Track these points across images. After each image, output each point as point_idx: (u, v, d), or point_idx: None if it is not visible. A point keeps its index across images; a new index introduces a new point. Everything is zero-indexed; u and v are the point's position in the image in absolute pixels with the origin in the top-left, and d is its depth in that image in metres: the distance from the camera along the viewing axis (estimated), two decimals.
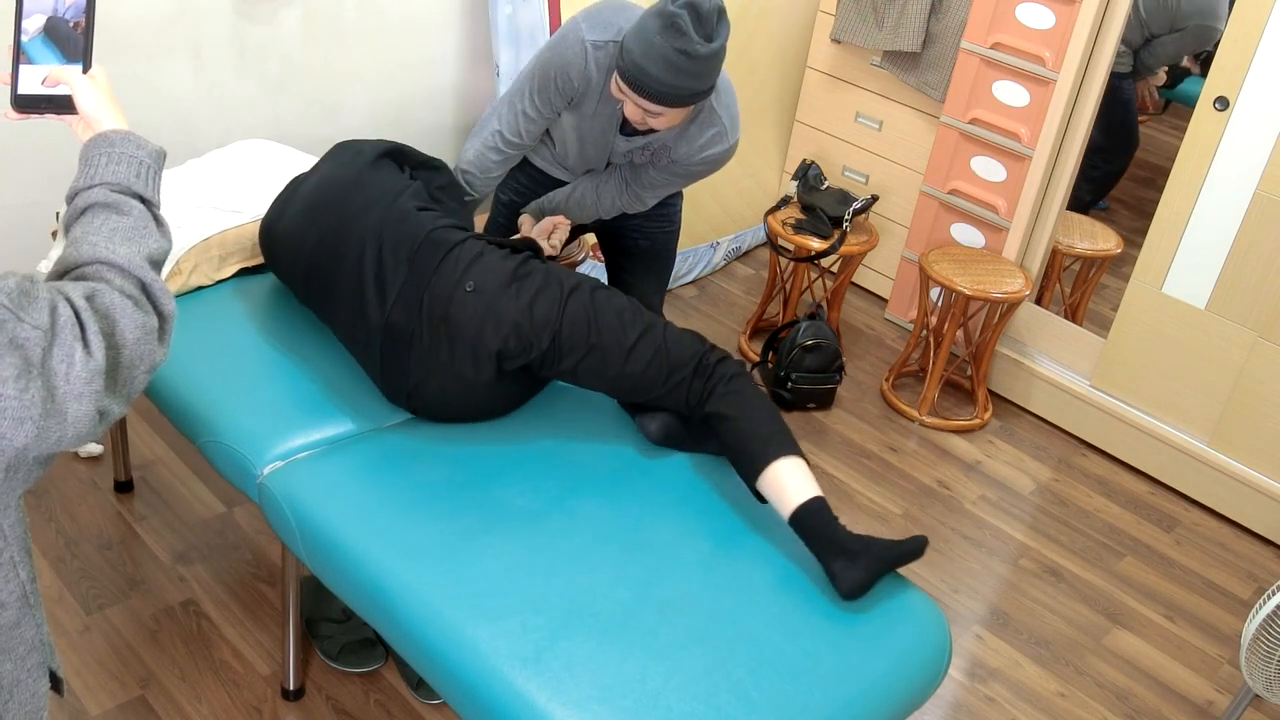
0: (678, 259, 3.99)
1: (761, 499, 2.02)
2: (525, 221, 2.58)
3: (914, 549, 1.91)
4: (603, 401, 2.29)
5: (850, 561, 1.87)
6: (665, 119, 2.21)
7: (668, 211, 2.68)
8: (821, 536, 1.90)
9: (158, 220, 1.28)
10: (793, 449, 1.99)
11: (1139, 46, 3.69)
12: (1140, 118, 4.06)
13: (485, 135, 2.45)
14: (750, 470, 1.99)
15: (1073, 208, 3.73)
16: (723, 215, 4.13)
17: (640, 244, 2.70)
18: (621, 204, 2.53)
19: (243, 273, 2.51)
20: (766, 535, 2.01)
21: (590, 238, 3.33)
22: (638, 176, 2.48)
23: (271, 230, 2.33)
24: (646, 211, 2.66)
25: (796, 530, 1.93)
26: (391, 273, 2.07)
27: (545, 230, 2.49)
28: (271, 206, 2.38)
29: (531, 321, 2.03)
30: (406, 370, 2.08)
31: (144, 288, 1.21)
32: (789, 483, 1.95)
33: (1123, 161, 4.00)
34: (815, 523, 1.91)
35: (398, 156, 2.34)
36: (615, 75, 2.19)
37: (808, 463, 2.00)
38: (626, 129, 2.39)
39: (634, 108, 2.19)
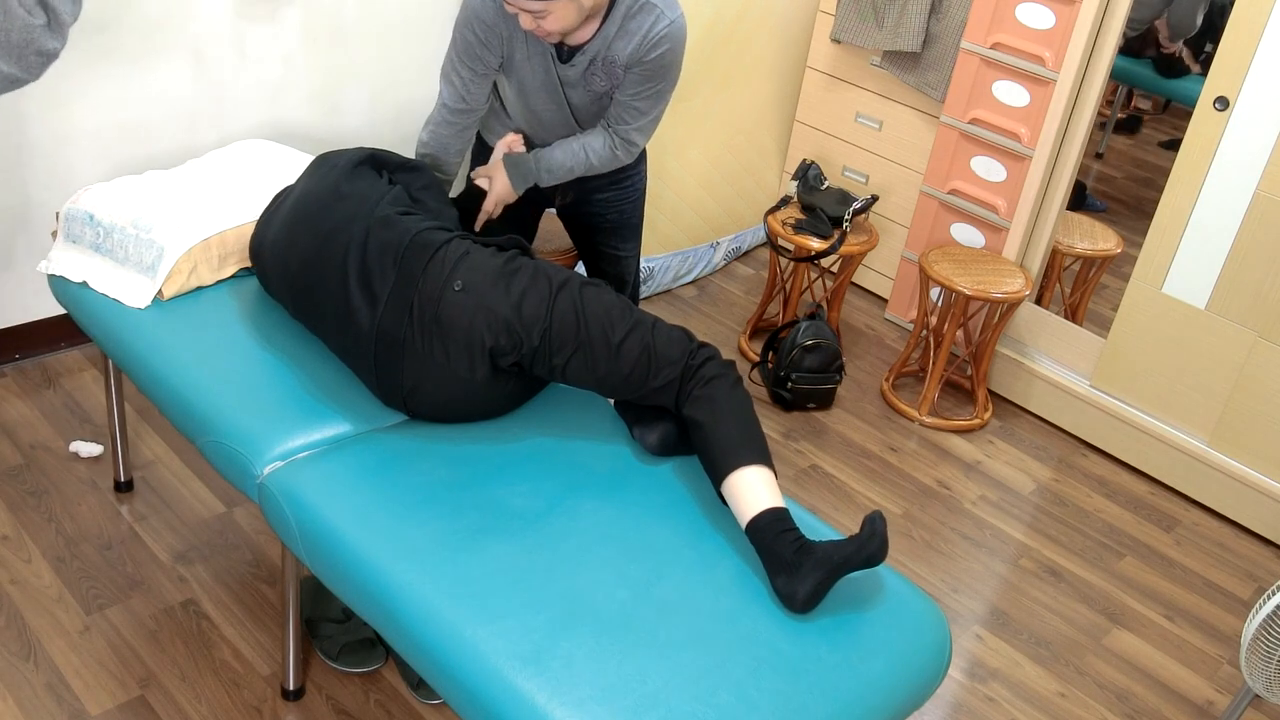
0: (678, 259, 3.99)
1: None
2: (488, 176, 2.60)
3: (866, 546, 1.83)
4: (603, 402, 2.29)
5: (790, 575, 1.82)
6: (555, 17, 2.20)
7: (632, 178, 2.74)
8: (766, 551, 1.86)
9: None
10: (756, 458, 1.95)
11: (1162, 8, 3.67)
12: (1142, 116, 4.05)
13: (433, 114, 2.52)
14: (714, 478, 1.98)
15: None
16: (723, 215, 4.13)
17: (610, 218, 2.77)
18: (608, 149, 2.52)
19: (243, 273, 2.51)
20: None
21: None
22: (615, 112, 2.47)
23: (259, 250, 2.34)
24: (612, 181, 2.70)
25: (752, 543, 1.91)
26: (379, 280, 2.07)
27: (504, 145, 2.54)
28: (257, 224, 2.38)
29: (521, 318, 2.03)
30: (401, 375, 2.07)
31: (44, 5, 1.79)
32: (744, 494, 1.92)
33: None
34: (762, 537, 1.87)
35: (376, 162, 2.33)
36: None
37: (773, 471, 1.97)
38: (563, 55, 2.39)
39: (526, 18, 2.20)
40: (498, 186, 2.54)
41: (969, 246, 3.67)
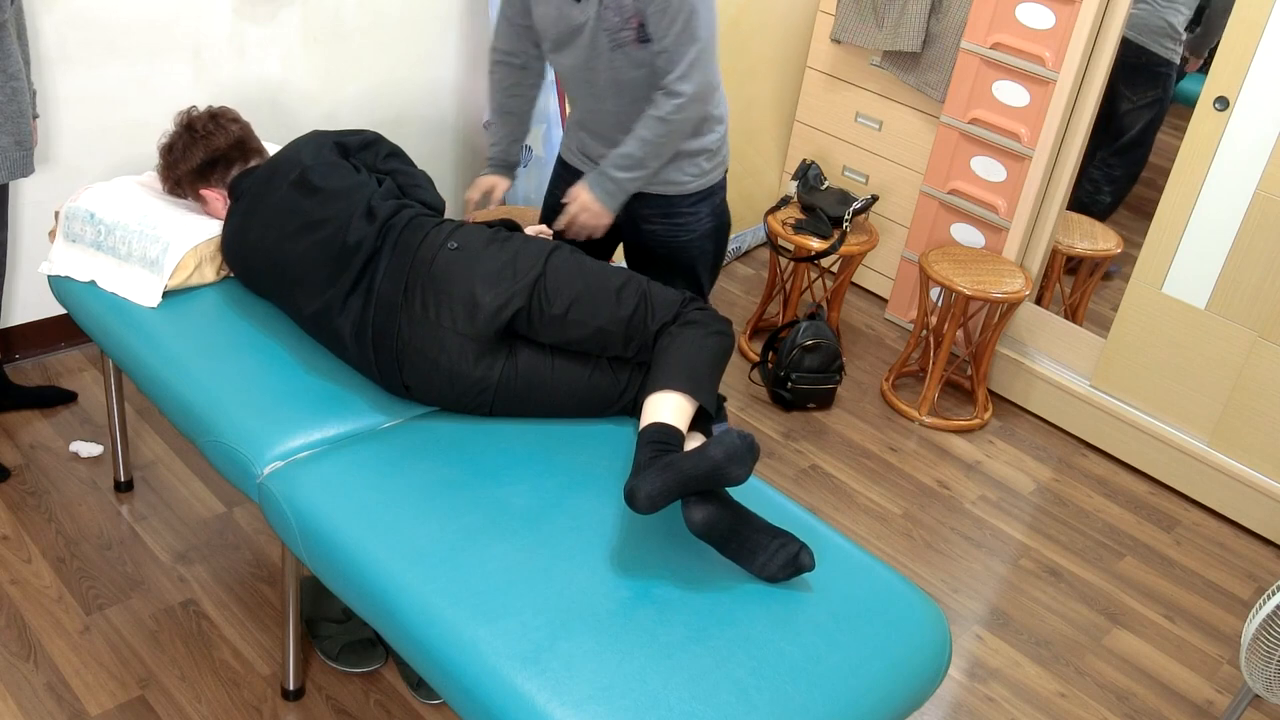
0: None
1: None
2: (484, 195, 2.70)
3: (709, 455, 1.80)
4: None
5: (636, 475, 1.83)
6: None
7: (685, 215, 2.56)
8: (635, 458, 1.90)
9: None
10: (678, 386, 1.97)
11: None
12: None
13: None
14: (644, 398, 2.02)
15: (1089, 213, 3.74)
16: None
17: (659, 252, 2.63)
18: (654, 116, 2.36)
19: None
20: None
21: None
22: (659, 67, 2.34)
23: (240, 253, 2.34)
24: (664, 213, 2.55)
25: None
26: (379, 256, 2.17)
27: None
28: (228, 231, 2.36)
29: (514, 270, 2.11)
30: (395, 337, 2.11)
31: None
32: (647, 411, 1.97)
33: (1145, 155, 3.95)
34: (639, 443, 1.91)
35: (342, 150, 2.41)
36: None
37: (698, 404, 1.99)
38: None
39: None
40: (582, 196, 2.47)
41: (969, 246, 3.67)
